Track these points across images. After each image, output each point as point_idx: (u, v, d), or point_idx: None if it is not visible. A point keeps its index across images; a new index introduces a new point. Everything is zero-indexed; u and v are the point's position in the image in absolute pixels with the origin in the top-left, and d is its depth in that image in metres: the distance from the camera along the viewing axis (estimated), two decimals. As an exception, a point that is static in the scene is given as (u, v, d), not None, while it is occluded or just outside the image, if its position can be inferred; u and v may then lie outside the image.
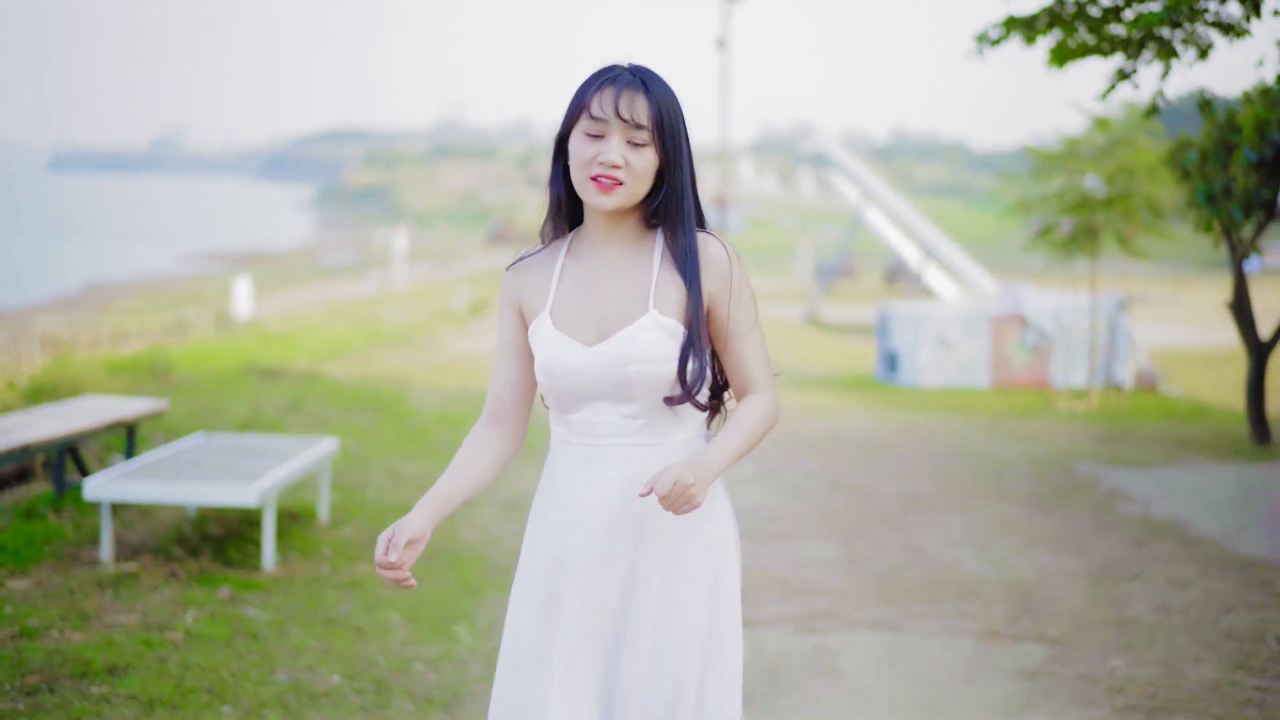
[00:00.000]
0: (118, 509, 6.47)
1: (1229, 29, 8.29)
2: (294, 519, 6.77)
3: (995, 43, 8.59)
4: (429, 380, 14.63)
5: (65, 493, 6.87)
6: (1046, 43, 8.66)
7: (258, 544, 6.16)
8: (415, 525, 2.34)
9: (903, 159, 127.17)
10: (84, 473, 6.98)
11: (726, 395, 2.53)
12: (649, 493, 2.22)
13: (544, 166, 2.41)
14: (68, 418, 6.72)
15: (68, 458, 7.14)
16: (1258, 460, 10.28)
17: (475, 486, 2.47)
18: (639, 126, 2.31)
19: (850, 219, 36.58)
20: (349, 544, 6.41)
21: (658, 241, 2.42)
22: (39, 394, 11.78)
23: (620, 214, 2.40)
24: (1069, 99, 14.89)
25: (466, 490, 2.45)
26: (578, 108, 2.35)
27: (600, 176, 2.31)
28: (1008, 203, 16.40)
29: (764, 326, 2.59)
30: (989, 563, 6.47)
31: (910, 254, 31.36)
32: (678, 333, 2.36)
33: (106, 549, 5.76)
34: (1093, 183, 14.79)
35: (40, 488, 7.30)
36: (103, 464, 7.77)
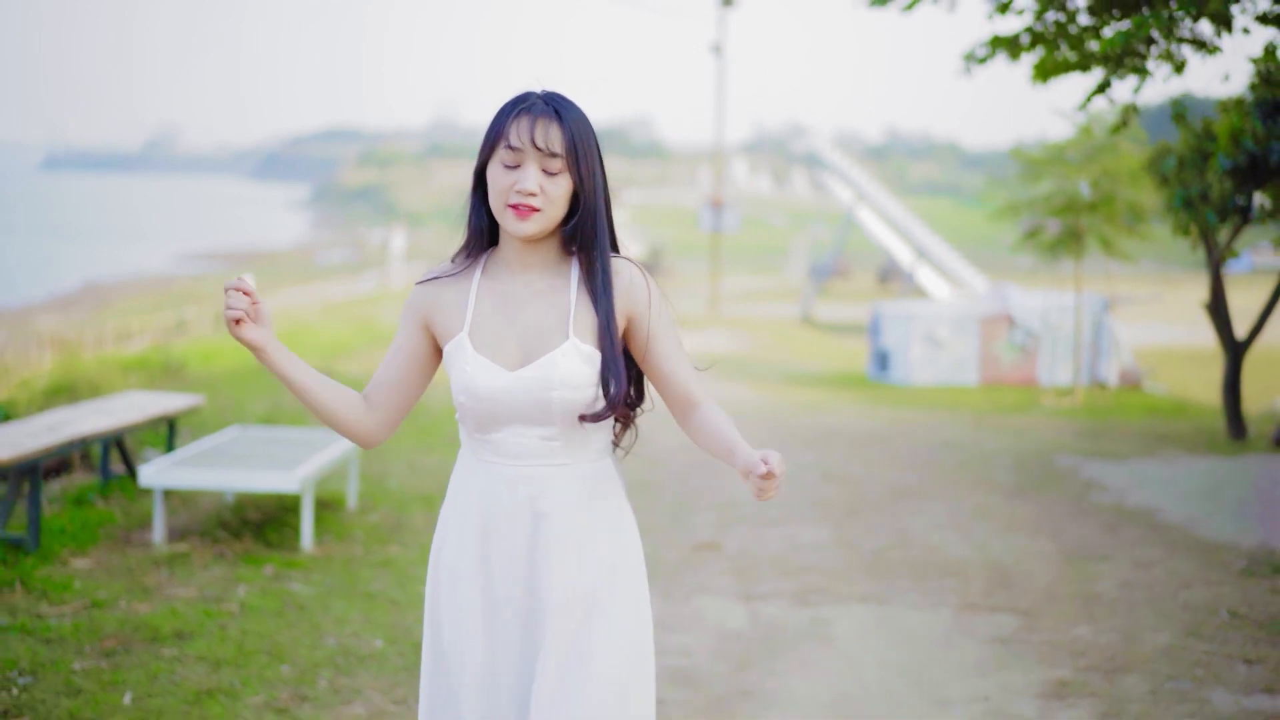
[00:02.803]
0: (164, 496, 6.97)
1: (1201, 45, 8.81)
2: (325, 506, 7.27)
3: (982, 61, 9.12)
4: (435, 378, 15.10)
5: (110, 482, 7.38)
6: (1030, 59, 9.18)
7: (294, 528, 6.67)
8: (249, 309, 2.35)
9: (896, 158, 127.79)
10: (129, 464, 7.46)
11: (639, 410, 2.59)
12: (772, 475, 2.24)
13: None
14: (114, 412, 7.20)
15: (113, 449, 7.62)
16: (1231, 454, 10.81)
17: (330, 405, 2.45)
18: (553, 155, 2.36)
19: (843, 219, 37.14)
20: (378, 528, 6.92)
21: (574, 268, 2.46)
22: (57, 392, 12.24)
23: (537, 239, 2.44)
24: (1056, 108, 15.48)
25: (323, 397, 2.44)
26: (495, 138, 2.40)
27: (518, 205, 2.37)
28: (996, 204, 16.97)
29: (759, 326, 2.89)
30: (970, 545, 7.00)
31: (902, 254, 31.92)
32: (595, 359, 2.41)
33: (159, 531, 6.26)
34: (1084, 187, 15.35)
35: (80, 479, 7.79)
36: (136, 457, 8.26)
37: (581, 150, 2.38)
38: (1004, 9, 8.73)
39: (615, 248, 2.49)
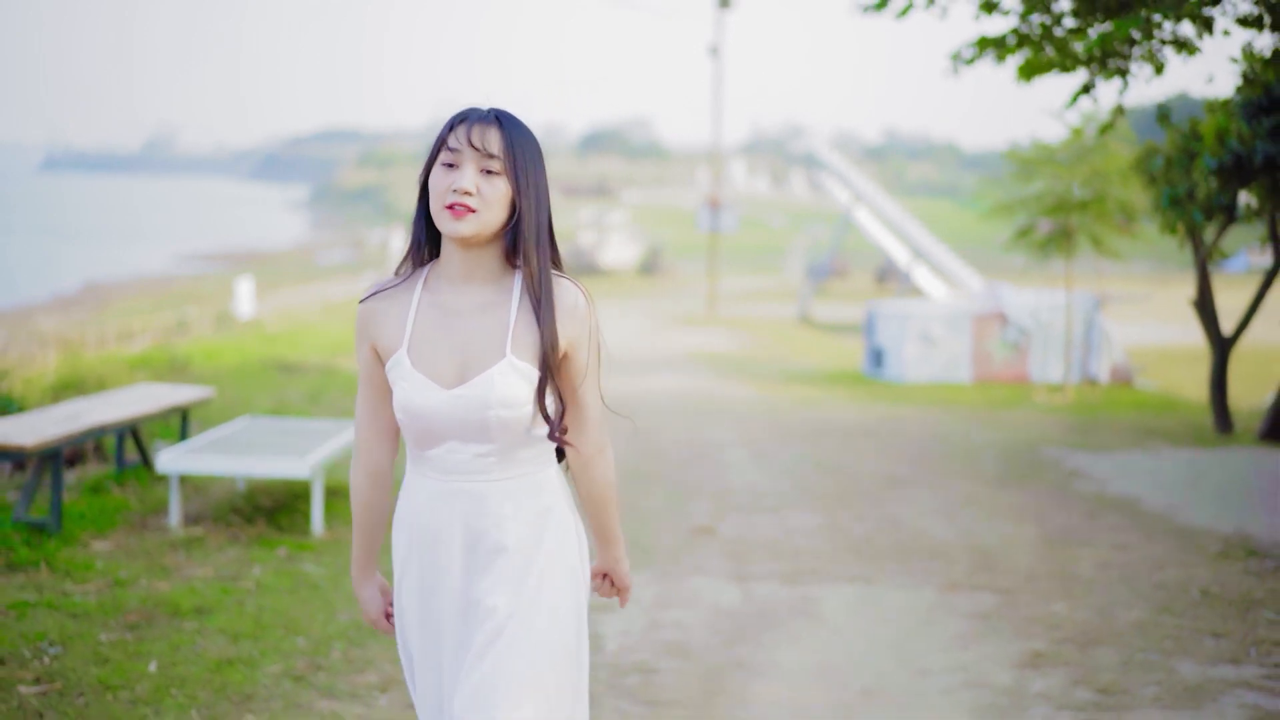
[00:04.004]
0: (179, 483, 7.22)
1: (1182, 46, 9.06)
2: (333, 493, 7.53)
3: (970, 61, 9.37)
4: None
5: (125, 470, 7.63)
6: (1016, 60, 9.44)
7: (304, 513, 6.92)
8: (377, 603, 2.64)
9: (894, 159, 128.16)
10: (143, 453, 7.72)
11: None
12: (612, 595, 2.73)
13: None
14: (129, 403, 7.45)
15: (128, 439, 7.88)
16: (1216, 446, 11.07)
17: (385, 519, 2.62)
18: (491, 155, 2.36)
19: (841, 219, 37.40)
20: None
21: (516, 282, 2.44)
22: (65, 388, 12.48)
23: (479, 251, 2.43)
24: (1048, 109, 15.71)
25: (382, 531, 2.63)
26: (438, 145, 2.42)
27: (454, 204, 2.36)
28: (989, 204, 17.23)
29: (757, 325, 2.98)
30: (955, 530, 7.26)
31: (899, 254, 32.18)
32: (533, 377, 2.40)
33: (175, 516, 6.52)
34: (1079, 190, 15.62)
35: (94, 468, 8.04)
36: (148, 448, 8.50)
37: (520, 156, 2.39)
38: (989, 9, 8.97)
39: (558, 266, 2.49)
